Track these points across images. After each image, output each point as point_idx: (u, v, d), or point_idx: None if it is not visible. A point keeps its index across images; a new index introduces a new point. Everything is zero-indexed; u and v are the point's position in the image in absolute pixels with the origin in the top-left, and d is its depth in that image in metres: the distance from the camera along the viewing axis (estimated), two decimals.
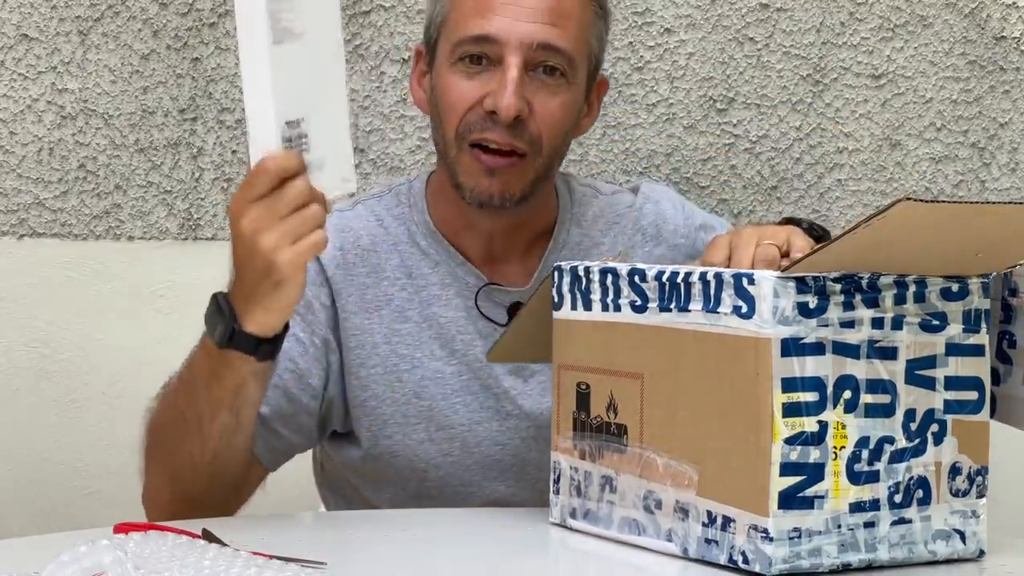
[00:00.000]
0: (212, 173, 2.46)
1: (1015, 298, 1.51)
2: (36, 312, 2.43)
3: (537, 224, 1.86)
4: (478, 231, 1.83)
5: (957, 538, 1.45)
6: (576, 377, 1.55)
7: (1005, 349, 1.52)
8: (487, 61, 1.76)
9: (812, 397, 1.36)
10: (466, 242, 1.84)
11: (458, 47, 1.76)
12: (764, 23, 2.53)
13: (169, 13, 2.44)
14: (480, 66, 1.76)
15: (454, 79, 1.77)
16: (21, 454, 2.43)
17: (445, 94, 1.78)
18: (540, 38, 1.75)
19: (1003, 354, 1.52)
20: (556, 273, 1.58)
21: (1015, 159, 2.59)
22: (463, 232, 1.84)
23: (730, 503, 1.39)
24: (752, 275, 1.37)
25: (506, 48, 1.74)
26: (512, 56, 1.74)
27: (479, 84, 1.76)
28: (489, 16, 1.75)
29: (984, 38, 2.57)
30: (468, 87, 1.76)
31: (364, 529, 1.67)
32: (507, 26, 1.74)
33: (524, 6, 1.75)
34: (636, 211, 1.92)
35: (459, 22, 1.77)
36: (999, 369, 1.52)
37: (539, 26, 1.75)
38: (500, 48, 1.75)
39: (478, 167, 1.75)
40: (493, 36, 1.75)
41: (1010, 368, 1.52)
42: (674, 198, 1.95)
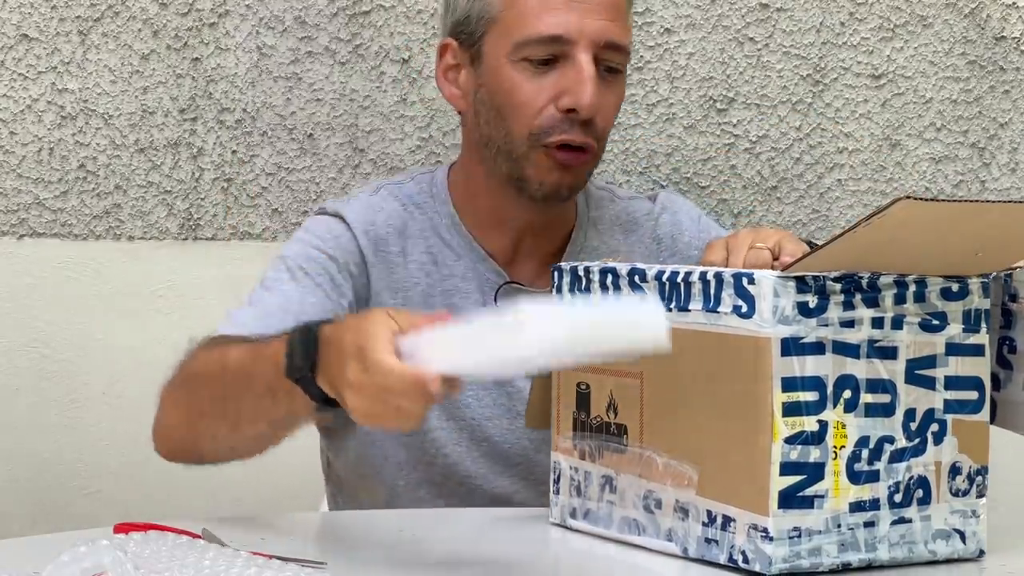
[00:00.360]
0: (212, 173, 2.46)
1: (1015, 303, 1.51)
2: (36, 312, 2.43)
3: (565, 223, 1.87)
4: (508, 228, 1.84)
5: (957, 538, 1.45)
6: (576, 377, 1.55)
7: (1005, 355, 1.52)
8: (553, 60, 1.76)
9: (812, 397, 1.36)
10: (491, 238, 1.84)
11: (523, 47, 1.76)
12: (764, 23, 2.53)
13: (169, 13, 2.44)
14: (547, 65, 1.76)
15: (520, 77, 1.77)
16: (21, 454, 2.43)
17: (509, 93, 1.77)
18: (608, 36, 1.76)
19: (1003, 359, 1.52)
20: (556, 273, 1.58)
21: (1015, 159, 2.59)
22: (490, 228, 1.84)
23: (730, 503, 1.39)
24: (752, 275, 1.37)
25: (577, 46, 1.75)
26: (583, 53, 1.75)
27: (549, 82, 1.76)
28: (556, 14, 1.75)
29: (984, 38, 2.57)
30: (538, 86, 1.76)
31: (364, 529, 1.67)
32: (576, 24, 1.75)
33: (591, 2, 1.76)
34: (653, 220, 1.92)
35: (521, 21, 1.76)
36: (999, 374, 1.52)
37: (605, 23, 1.76)
38: (571, 46, 1.75)
39: (551, 164, 1.77)
40: (565, 36, 1.75)
41: (1010, 373, 1.52)
42: (691, 211, 1.96)
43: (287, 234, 2.49)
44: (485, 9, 1.79)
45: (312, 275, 1.79)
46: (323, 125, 2.48)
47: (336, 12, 2.47)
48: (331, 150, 2.49)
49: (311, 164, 2.49)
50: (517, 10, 1.77)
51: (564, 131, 1.75)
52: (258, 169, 2.47)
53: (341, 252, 1.81)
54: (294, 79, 2.47)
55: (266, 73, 2.46)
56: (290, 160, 2.48)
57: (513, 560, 1.52)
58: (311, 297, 1.76)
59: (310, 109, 2.48)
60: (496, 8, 1.78)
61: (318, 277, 1.79)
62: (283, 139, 2.48)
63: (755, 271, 1.38)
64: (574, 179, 1.79)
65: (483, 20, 1.79)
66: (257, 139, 2.47)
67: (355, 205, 1.86)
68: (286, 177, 2.48)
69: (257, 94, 2.46)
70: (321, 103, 2.48)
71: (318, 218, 1.87)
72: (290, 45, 2.47)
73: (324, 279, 1.78)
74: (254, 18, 2.46)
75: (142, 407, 2.43)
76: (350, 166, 2.49)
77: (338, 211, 1.85)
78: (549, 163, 1.77)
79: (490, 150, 1.80)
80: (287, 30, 2.46)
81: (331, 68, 2.47)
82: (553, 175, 1.77)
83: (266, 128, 2.47)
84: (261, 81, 2.46)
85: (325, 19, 2.47)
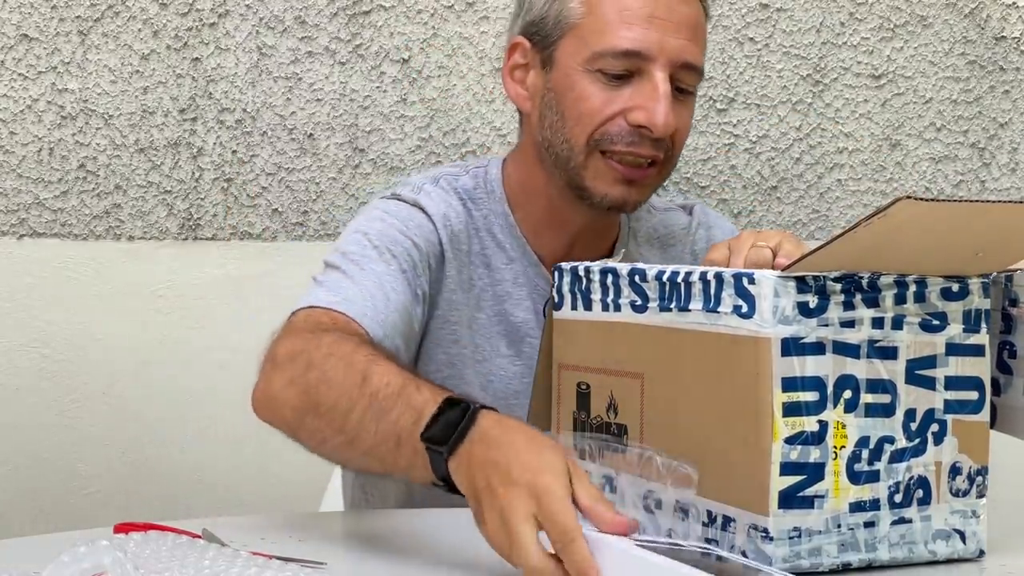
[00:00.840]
0: (212, 173, 2.46)
1: (1015, 308, 1.51)
2: (36, 312, 2.43)
3: (612, 231, 1.87)
4: (563, 231, 1.83)
5: (957, 538, 1.45)
6: (576, 377, 1.55)
7: (1006, 359, 1.52)
8: (627, 75, 1.75)
9: (812, 397, 1.36)
10: (543, 241, 1.84)
11: (600, 58, 1.75)
12: (764, 23, 2.53)
13: (169, 13, 2.44)
14: (621, 80, 1.75)
15: (592, 87, 1.76)
16: (21, 454, 2.43)
17: (578, 101, 1.76)
18: (685, 57, 1.75)
19: (1004, 364, 1.52)
20: (556, 273, 1.58)
21: (1015, 159, 2.59)
22: (544, 232, 1.84)
23: (730, 503, 1.39)
24: (752, 275, 1.37)
25: (654, 63, 1.74)
26: (660, 71, 1.74)
27: (622, 96, 1.75)
28: (636, 29, 1.74)
29: (984, 38, 2.57)
30: (608, 97, 1.75)
31: (364, 529, 1.67)
32: (656, 41, 1.74)
33: (672, 20, 1.74)
34: (691, 235, 1.93)
35: (602, 31, 1.75)
36: (999, 379, 1.52)
37: (684, 43, 1.75)
38: (648, 63, 1.74)
39: (613, 175, 1.76)
40: (644, 52, 1.74)
41: (1010, 378, 1.51)
42: (725, 226, 1.96)
43: (287, 234, 2.49)
44: (564, 14, 1.78)
45: (399, 259, 1.76)
46: (323, 125, 2.49)
47: (336, 12, 2.47)
48: (331, 150, 2.49)
49: (311, 164, 2.49)
50: (598, 20, 1.76)
51: (631, 142, 1.75)
52: (258, 169, 2.47)
53: (425, 243, 1.78)
54: (294, 79, 2.47)
55: (266, 73, 2.46)
56: (290, 160, 2.48)
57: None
58: (397, 283, 1.74)
59: (310, 109, 2.48)
60: (576, 15, 1.77)
61: (404, 263, 1.76)
62: (283, 139, 2.48)
63: (755, 271, 1.38)
64: (639, 194, 1.78)
65: (560, 24, 1.78)
66: (257, 139, 2.47)
67: (431, 197, 1.83)
68: (286, 177, 2.48)
69: (257, 94, 2.46)
70: (321, 103, 2.48)
71: (398, 203, 1.82)
72: (290, 45, 2.47)
73: (408, 266, 1.76)
74: (254, 18, 2.46)
75: (142, 407, 2.43)
76: (350, 166, 2.49)
77: (417, 201, 1.82)
78: (611, 174, 1.75)
79: (550, 155, 1.79)
80: (287, 30, 2.46)
81: (331, 68, 2.47)
82: (617, 188, 1.76)
83: (266, 128, 2.47)
84: (261, 81, 2.46)
85: (325, 19, 2.47)
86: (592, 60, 1.75)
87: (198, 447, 2.46)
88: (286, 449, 1.71)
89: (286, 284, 2.48)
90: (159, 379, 2.46)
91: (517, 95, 1.83)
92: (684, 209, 1.96)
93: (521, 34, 1.82)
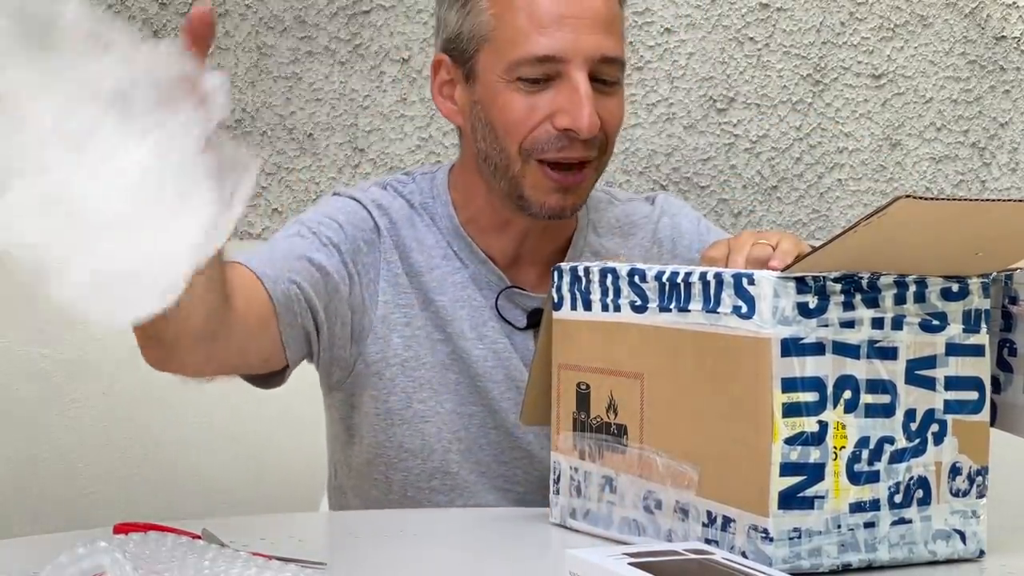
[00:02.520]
0: None
1: (1015, 306, 1.51)
2: (36, 312, 2.43)
3: (566, 226, 1.87)
4: (511, 233, 1.83)
5: (957, 538, 1.45)
6: (576, 377, 1.55)
7: (1006, 357, 1.52)
8: (547, 79, 1.74)
9: (812, 397, 1.36)
10: (492, 242, 1.84)
11: (517, 67, 1.74)
12: (764, 23, 2.53)
13: (169, 13, 2.44)
14: (540, 84, 1.74)
15: (513, 96, 1.75)
16: (21, 454, 2.43)
17: (503, 112, 1.76)
18: (602, 51, 1.74)
19: (1004, 362, 1.52)
20: (556, 273, 1.58)
21: (1015, 159, 2.59)
22: (492, 232, 1.84)
23: (730, 503, 1.39)
24: (752, 275, 1.37)
25: (571, 64, 1.73)
26: (578, 71, 1.73)
27: (544, 101, 1.74)
28: (549, 33, 1.73)
29: (984, 38, 2.57)
30: (531, 105, 1.74)
31: (364, 529, 1.67)
32: (571, 42, 1.73)
33: (584, 17, 1.73)
34: (653, 223, 1.92)
35: (514, 40, 1.74)
36: (999, 377, 1.52)
37: (599, 38, 1.74)
38: (565, 64, 1.73)
39: (549, 184, 1.75)
40: (559, 55, 1.73)
41: (1011, 376, 1.51)
42: (690, 214, 1.95)
43: None
44: (476, 27, 1.77)
45: (325, 235, 1.78)
46: (323, 125, 2.49)
47: (336, 12, 2.47)
48: (331, 150, 2.49)
49: (311, 164, 2.49)
50: (508, 29, 1.74)
51: (561, 147, 1.74)
52: (258, 169, 2.47)
53: (354, 228, 1.80)
54: (294, 79, 2.47)
55: (266, 73, 2.46)
56: (290, 160, 2.48)
57: (513, 560, 1.52)
58: (319, 253, 1.76)
59: (310, 109, 2.48)
60: (487, 27, 1.76)
61: (333, 237, 1.78)
62: (283, 139, 2.48)
63: (755, 272, 1.38)
64: (576, 199, 1.78)
65: (475, 38, 1.77)
66: (257, 139, 2.47)
67: (368, 193, 1.86)
68: (286, 177, 2.48)
69: (257, 94, 2.46)
70: (321, 103, 2.48)
71: (331, 198, 1.87)
72: (290, 45, 2.47)
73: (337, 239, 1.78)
74: (254, 18, 2.46)
75: (142, 407, 2.43)
76: (350, 166, 2.49)
77: (351, 194, 1.85)
78: (547, 184, 1.75)
79: (488, 165, 1.80)
80: (287, 30, 2.46)
81: (331, 68, 2.47)
82: (554, 197, 1.76)
83: (266, 128, 2.47)
84: (261, 81, 2.46)
85: (325, 19, 2.47)
86: (509, 70, 1.74)
87: (198, 447, 2.46)
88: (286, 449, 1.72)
89: None
90: (159, 379, 2.46)
91: (449, 111, 1.83)
92: (647, 200, 1.96)
93: (442, 51, 1.82)
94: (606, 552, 1.30)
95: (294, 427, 2.43)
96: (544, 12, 1.73)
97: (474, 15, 1.77)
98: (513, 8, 1.74)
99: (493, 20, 1.76)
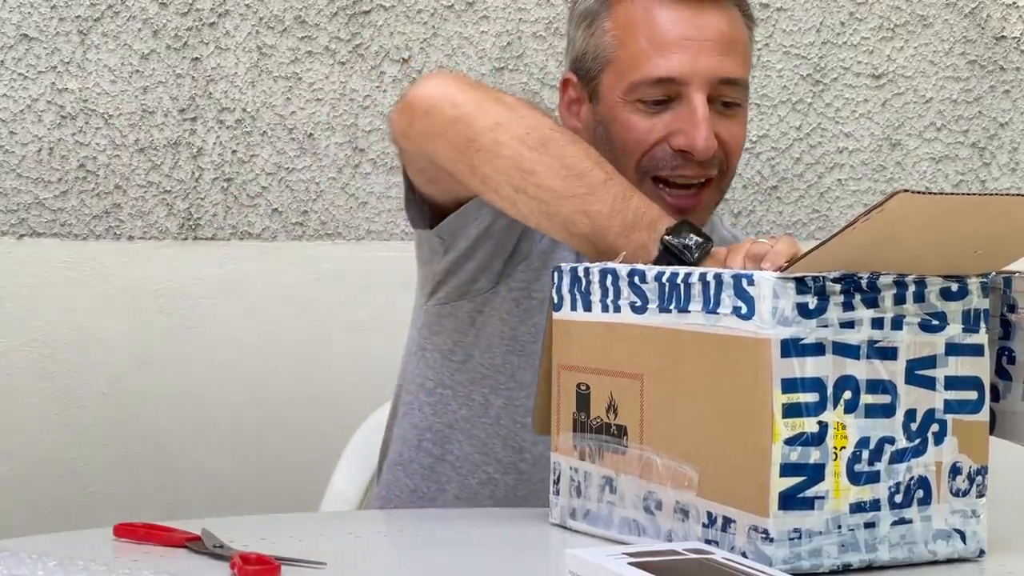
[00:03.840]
0: (212, 173, 2.46)
1: (1014, 314, 1.51)
2: (36, 312, 2.43)
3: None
4: None
5: (957, 538, 1.45)
6: (576, 378, 1.55)
7: (1004, 365, 1.51)
8: (667, 100, 1.76)
9: (812, 398, 1.36)
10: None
11: (637, 88, 1.76)
12: (764, 23, 2.53)
13: (169, 13, 2.44)
14: (661, 105, 1.76)
15: (633, 117, 1.77)
16: (21, 454, 2.43)
17: (623, 132, 1.77)
18: (721, 73, 1.75)
19: (1002, 370, 1.51)
20: (556, 274, 1.57)
21: (1015, 159, 2.59)
22: None
23: (730, 504, 1.39)
24: (752, 276, 1.37)
25: (690, 86, 1.75)
26: (697, 93, 1.74)
27: (662, 122, 1.76)
28: (668, 55, 1.75)
29: (984, 38, 2.57)
30: (650, 125, 1.76)
31: (364, 529, 1.67)
32: (689, 64, 1.74)
33: (703, 39, 1.74)
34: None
35: (634, 63, 1.76)
36: (998, 385, 1.51)
37: (719, 59, 1.75)
38: (684, 86, 1.75)
39: (663, 204, 1.75)
40: (678, 78, 1.75)
41: (1009, 384, 1.51)
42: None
43: (287, 234, 2.49)
44: (600, 49, 1.79)
45: None
46: (323, 125, 2.49)
47: (336, 12, 2.47)
48: (331, 150, 2.49)
49: (311, 164, 2.49)
50: (630, 51, 1.77)
51: (676, 167, 1.76)
52: (258, 169, 2.47)
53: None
54: (294, 79, 2.47)
55: (266, 73, 2.46)
56: (290, 160, 2.48)
57: (513, 560, 1.52)
58: None
59: (310, 109, 2.48)
60: (610, 48, 1.78)
61: None
62: (283, 139, 2.48)
63: (755, 272, 1.38)
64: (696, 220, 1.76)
65: (599, 59, 1.80)
66: (257, 139, 2.47)
67: None
68: (286, 177, 2.48)
69: (257, 94, 2.46)
70: (321, 103, 2.48)
71: None
72: (290, 45, 2.47)
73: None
74: (254, 18, 2.46)
75: (142, 407, 2.43)
76: (350, 166, 2.50)
77: None
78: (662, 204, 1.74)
79: None
80: (287, 30, 2.46)
81: (331, 68, 2.47)
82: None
83: (266, 128, 2.47)
84: (261, 81, 2.46)
85: (325, 19, 2.47)
86: (630, 91, 1.77)
87: (198, 447, 2.46)
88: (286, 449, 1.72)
89: (286, 284, 2.48)
90: (159, 379, 2.46)
91: (575, 130, 1.84)
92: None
93: (571, 70, 1.85)
94: (606, 552, 1.30)
95: (294, 427, 2.43)
96: (664, 34, 1.75)
97: (598, 36, 1.80)
98: (635, 30, 1.77)
99: (615, 42, 1.78)
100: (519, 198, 1.61)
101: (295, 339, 2.48)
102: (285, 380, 2.46)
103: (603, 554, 1.28)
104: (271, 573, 1.32)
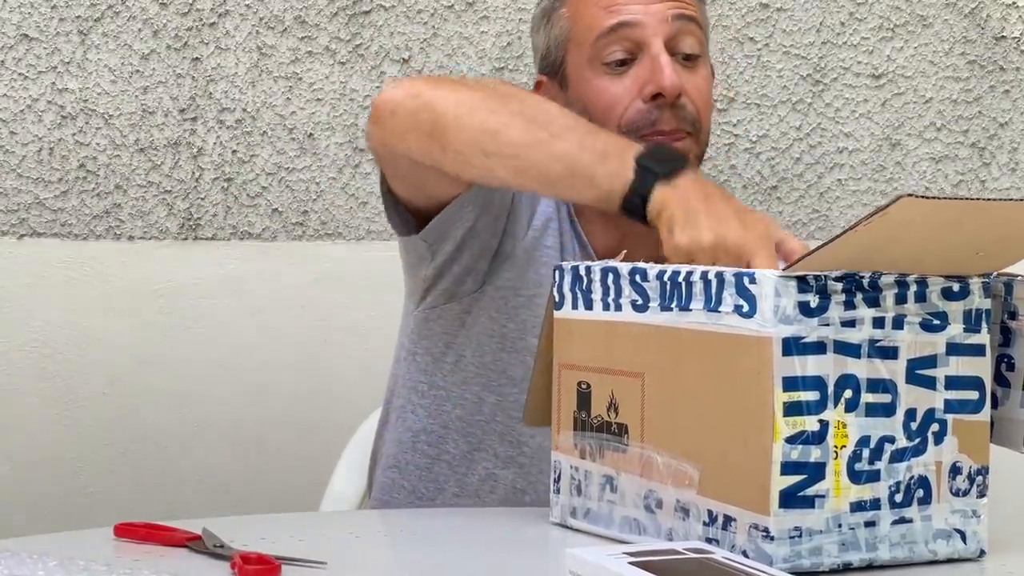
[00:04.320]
0: (212, 173, 2.46)
1: (1014, 321, 1.51)
2: (36, 312, 2.43)
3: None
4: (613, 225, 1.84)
5: (958, 538, 1.45)
6: (577, 376, 1.55)
7: (1003, 372, 1.51)
8: (630, 58, 1.80)
9: (813, 396, 1.36)
10: (598, 235, 1.87)
11: (597, 47, 1.80)
12: (764, 23, 2.53)
13: (169, 13, 2.44)
14: (624, 66, 1.80)
15: (603, 82, 1.81)
16: (21, 454, 2.43)
17: (597, 98, 1.81)
18: (674, 10, 1.80)
19: (1001, 377, 1.51)
20: (557, 272, 1.57)
21: (1015, 159, 2.59)
22: (598, 223, 1.87)
23: (731, 502, 1.39)
24: (753, 274, 1.37)
25: (646, 29, 1.79)
26: (654, 37, 1.79)
27: (630, 80, 1.80)
28: (618, 7, 1.80)
29: (984, 38, 2.57)
30: (620, 86, 1.80)
31: (364, 529, 1.67)
32: (641, 7, 1.79)
33: None
34: None
35: (590, 25, 1.81)
36: (997, 392, 1.51)
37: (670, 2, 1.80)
38: (640, 31, 1.79)
39: None
40: (632, 21, 1.79)
41: (1008, 391, 1.51)
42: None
43: (287, 234, 2.49)
44: (560, 33, 1.85)
45: None
46: (323, 125, 2.49)
47: (336, 12, 2.47)
48: (331, 150, 2.49)
49: (311, 164, 2.49)
50: (584, 20, 1.82)
51: (654, 120, 1.79)
52: (258, 169, 2.47)
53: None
54: (294, 79, 2.47)
55: (266, 73, 2.46)
56: (290, 160, 2.48)
57: (513, 560, 1.52)
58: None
59: (310, 109, 2.48)
60: (567, 27, 1.84)
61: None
62: (283, 139, 2.48)
63: (756, 271, 1.38)
64: None
65: (560, 43, 1.85)
66: (257, 139, 2.47)
67: None
68: (286, 177, 2.48)
69: (257, 94, 2.46)
70: (321, 103, 2.48)
71: None
72: (290, 45, 2.47)
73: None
74: (254, 18, 2.46)
75: (142, 407, 2.43)
76: (350, 166, 2.50)
77: None
78: None
79: None
80: (287, 30, 2.46)
81: (331, 68, 2.47)
82: None
83: (266, 128, 2.47)
84: (261, 81, 2.46)
85: (325, 19, 2.47)
86: (592, 56, 1.81)
87: (198, 447, 2.46)
88: (286, 448, 1.72)
89: (286, 284, 2.48)
90: (159, 379, 2.46)
91: None
92: None
93: (539, 72, 1.89)
94: (606, 551, 1.30)
95: (294, 426, 2.43)
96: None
97: (555, 23, 1.85)
98: (585, 2, 1.82)
99: (570, 21, 1.84)
100: (492, 162, 1.62)
101: (295, 339, 2.48)
102: (285, 380, 2.46)
103: (603, 553, 1.28)
104: (271, 573, 1.32)
